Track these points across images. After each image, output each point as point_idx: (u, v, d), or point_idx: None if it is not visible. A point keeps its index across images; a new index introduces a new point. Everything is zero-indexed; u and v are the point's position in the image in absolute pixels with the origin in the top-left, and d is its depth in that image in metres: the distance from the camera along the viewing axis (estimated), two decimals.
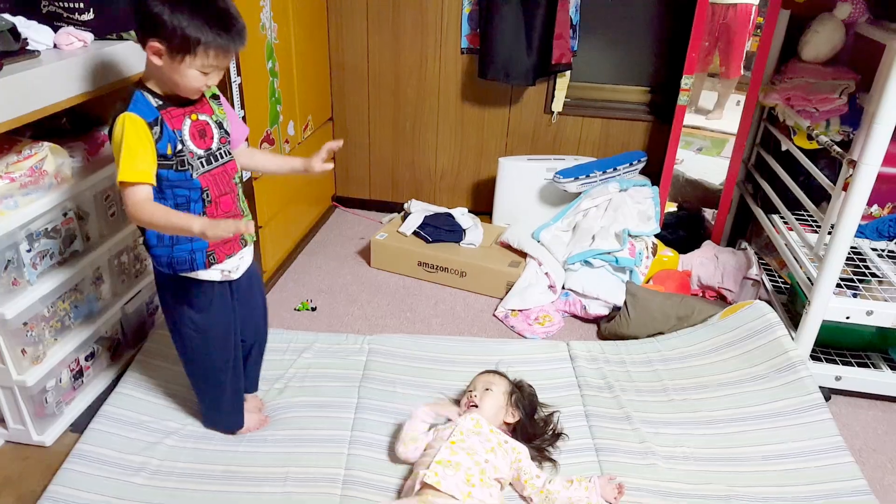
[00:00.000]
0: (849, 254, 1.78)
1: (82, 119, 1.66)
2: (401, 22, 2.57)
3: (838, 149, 1.75)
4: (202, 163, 1.26)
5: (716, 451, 1.53)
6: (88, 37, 1.51)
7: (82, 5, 1.52)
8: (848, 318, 1.70)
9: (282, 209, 2.36)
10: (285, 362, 1.80)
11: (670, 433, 1.58)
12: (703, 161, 2.85)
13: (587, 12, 2.47)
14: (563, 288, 2.23)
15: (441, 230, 2.41)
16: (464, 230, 2.43)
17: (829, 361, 1.82)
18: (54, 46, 1.47)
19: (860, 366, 1.82)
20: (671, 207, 2.68)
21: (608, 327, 2.07)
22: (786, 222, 2.06)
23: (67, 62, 1.39)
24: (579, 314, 2.18)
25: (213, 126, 1.29)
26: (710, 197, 2.70)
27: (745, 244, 2.44)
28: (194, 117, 1.25)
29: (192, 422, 1.58)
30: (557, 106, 2.59)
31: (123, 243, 1.72)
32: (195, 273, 1.31)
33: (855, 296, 1.78)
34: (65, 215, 1.51)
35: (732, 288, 2.19)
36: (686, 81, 2.25)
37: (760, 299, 1.97)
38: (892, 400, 1.80)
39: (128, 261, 1.76)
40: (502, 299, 2.24)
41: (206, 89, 1.24)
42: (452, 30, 2.54)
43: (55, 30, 1.48)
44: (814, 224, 2.10)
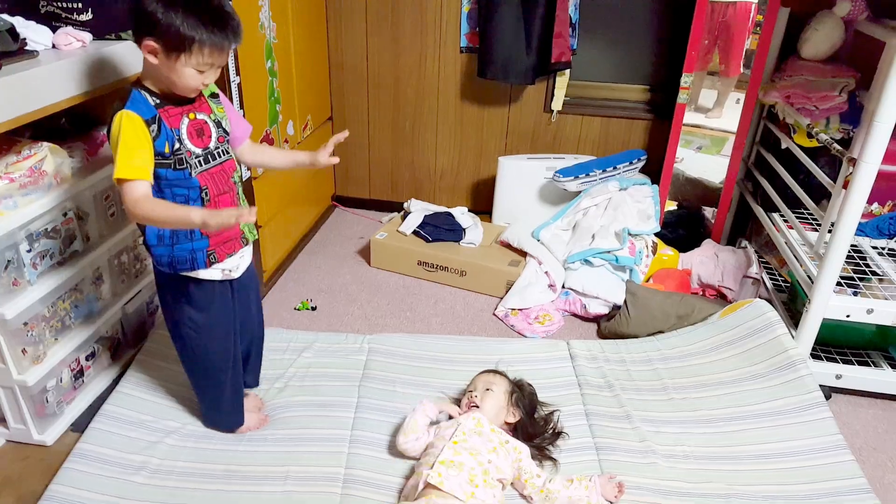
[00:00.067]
0: (849, 252, 1.78)
1: (81, 119, 1.66)
2: (400, 21, 2.57)
3: (838, 147, 1.75)
4: (200, 161, 1.26)
5: (716, 449, 1.53)
6: (87, 37, 1.51)
7: (81, 5, 1.52)
8: (848, 316, 1.70)
9: (281, 209, 2.36)
10: (285, 361, 1.81)
11: (670, 432, 1.58)
12: (702, 159, 2.84)
13: (587, 11, 2.47)
14: (563, 287, 2.23)
15: (441, 229, 2.41)
16: (464, 229, 2.43)
17: (829, 360, 1.82)
18: (53, 46, 1.47)
19: (860, 364, 1.82)
20: (671, 206, 2.68)
21: (608, 326, 2.07)
22: (786, 220, 2.06)
23: (66, 62, 1.39)
24: (579, 313, 2.18)
25: (211, 125, 1.29)
26: (710, 195, 2.69)
27: (745, 242, 2.43)
28: (192, 116, 1.25)
29: (192, 421, 1.58)
30: (557, 105, 2.58)
31: (123, 243, 1.72)
32: (196, 272, 1.31)
33: (855, 294, 1.78)
34: (64, 215, 1.51)
35: (732, 286, 2.19)
36: (686, 80, 2.25)
37: (760, 298, 1.97)
38: (893, 398, 1.80)
39: (128, 261, 1.76)
40: (502, 298, 2.24)
41: (204, 88, 1.23)
42: (451, 29, 2.54)
43: (54, 30, 1.49)
44: (814, 222, 2.09)
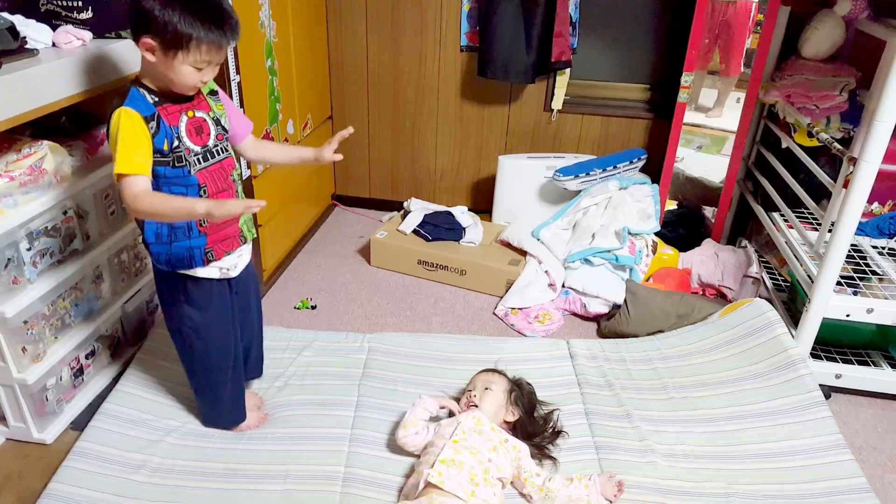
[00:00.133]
0: (849, 251, 1.77)
1: (82, 118, 1.66)
2: (400, 20, 2.57)
3: (839, 146, 1.75)
4: (198, 159, 1.26)
5: (716, 448, 1.53)
6: (87, 35, 1.51)
7: (81, 4, 1.52)
8: (848, 315, 1.69)
9: (281, 208, 2.36)
10: (285, 360, 1.81)
11: (670, 431, 1.58)
12: (703, 159, 2.84)
13: (587, 10, 2.47)
14: (563, 286, 2.23)
15: (441, 228, 2.41)
16: (464, 228, 2.43)
17: (829, 359, 1.82)
18: (53, 45, 1.47)
19: (860, 364, 1.82)
20: (671, 205, 2.68)
21: (608, 325, 2.07)
22: (786, 220, 2.06)
23: (66, 61, 1.39)
24: (579, 312, 2.18)
25: (209, 123, 1.29)
26: (710, 195, 2.69)
27: (745, 242, 2.43)
28: (191, 114, 1.25)
29: (192, 420, 1.58)
30: (557, 104, 2.58)
31: (123, 242, 1.72)
32: (193, 270, 1.31)
33: (855, 293, 1.78)
34: (64, 214, 1.51)
35: (732, 286, 2.19)
36: (686, 79, 2.25)
37: (760, 297, 1.97)
38: (893, 398, 1.80)
39: (128, 259, 1.76)
40: (502, 297, 2.24)
41: (202, 85, 1.23)
42: (452, 28, 2.54)
43: (54, 28, 1.48)
44: (814, 222, 2.09)
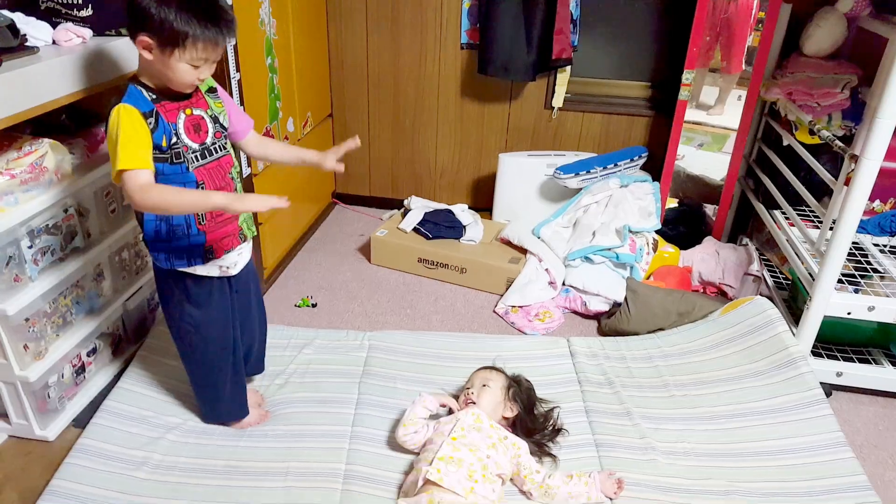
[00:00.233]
0: (850, 249, 1.77)
1: (82, 115, 1.66)
2: (400, 17, 2.56)
3: (840, 143, 1.74)
4: (196, 157, 1.26)
5: (716, 446, 1.53)
6: (87, 33, 1.51)
7: (81, 1, 1.52)
8: (849, 313, 1.69)
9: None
10: (286, 358, 1.81)
11: (671, 429, 1.58)
12: (704, 157, 2.84)
13: (587, 7, 2.47)
14: (564, 284, 2.23)
15: (441, 227, 2.41)
16: (464, 227, 2.43)
17: (830, 357, 1.82)
18: (53, 43, 1.47)
19: (861, 362, 1.82)
20: (672, 203, 2.68)
21: (608, 323, 2.07)
22: (787, 218, 2.06)
23: (66, 58, 1.39)
24: (579, 310, 2.18)
25: (207, 120, 1.29)
26: (711, 193, 2.69)
27: (746, 240, 2.43)
28: (189, 112, 1.25)
29: (193, 417, 1.58)
30: (558, 101, 2.58)
31: (124, 240, 1.72)
32: (193, 268, 1.32)
33: (856, 291, 1.78)
34: (65, 212, 1.52)
35: (733, 284, 2.19)
36: (687, 76, 2.25)
37: (761, 295, 1.97)
38: (893, 396, 1.80)
39: (128, 257, 1.76)
40: (502, 296, 2.24)
41: (199, 83, 1.23)
42: (452, 25, 2.54)
43: (54, 26, 1.48)
44: (815, 219, 2.09)
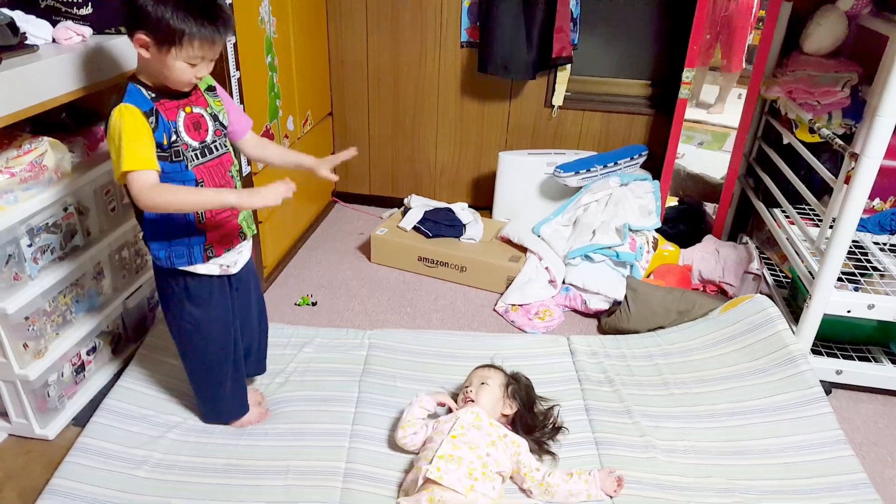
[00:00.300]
0: (850, 247, 1.77)
1: (82, 114, 1.66)
2: (400, 16, 2.56)
3: (840, 142, 1.74)
4: (196, 155, 1.26)
5: (716, 444, 1.54)
6: (87, 31, 1.51)
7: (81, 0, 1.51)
8: (849, 311, 1.69)
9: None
10: (286, 357, 1.81)
11: (671, 427, 1.58)
12: (704, 155, 2.83)
13: (588, 5, 2.46)
14: (564, 283, 2.23)
15: (441, 225, 2.41)
16: (464, 225, 2.43)
17: (829, 355, 1.82)
18: (53, 41, 1.47)
19: (861, 360, 1.82)
20: (672, 202, 2.68)
21: (608, 322, 2.07)
22: (787, 216, 2.06)
23: (66, 57, 1.39)
24: (580, 309, 2.18)
25: (207, 119, 1.29)
26: (712, 191, 2.69)
27: (746, 238, 2.43)
28: (188, 110, 1.25)
29: (193, 416, 1.58)
30: (558, 100, 2.58)
31: (124, 238, 1.72)
32: (194, 267, 1.32)
33: (856, 290, 1.78)
34: (65, 210, 1.51)
35: (733, 282, 2.19)
36: (687, 75, 2.25)
37: (761, 293, 1.97)
38: (893, 394, 1.80)
39: (128, 256, 1.76)
40: (502, 294, 2.24)
41: (197, 81, 1.23)
42: (452, 23, 2.53)
43: (53, 24, 1.48)
44: (815, 218, 2.09)
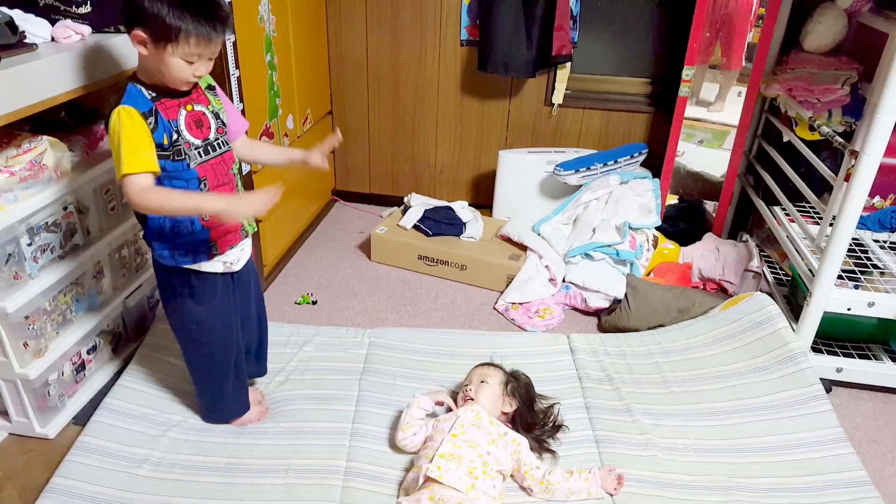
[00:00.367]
0: (850, 245, 1.77)
1: (81, 112, 1.66)
2: (400, 14, 2.56)
3: (840, 139, 1.74)
4: (199, 153, 1.26)
5: (716, 442, 1.54)
6: (86, 30, 1.51)
7: None
8: (849, 309, 1.69)
9: (281, 203, 2.31)
10: (286, 355, 1.81)
11: (671, 425, 1.58)
12: (704, 153, 2.84)
13: (587, 3, 2.46)
14: (564, 281, 2.23)
15: (441, 224, 2.41)
16: (464, 223, 2.43)
17: (829, 353, 1.82)
18: (52, 40, 1.46)
19: (861, 357, 1.82)
20: (672, 200, 2.68)
21: (609, 320, 2.07)
22: (787, 214, 2.06)
23: (65, 55, 1.39)
24: (580, 307, 2.18)
25: (209, 116, 1.29)
26: (712, 189, 2.69)
27: (746, 236, 2.43)
28: (189, 108, 1.25)
29: (194, 415, 1.58)
30: (558, 98, 2.57)
31: (124, 237, 1.72)
32: (198, 265, 1.32)
33: (856, 287, 1.78)
34: (65, 209, 1.51)
35: (733, 280, 2.19)
36: (687, 72, 2.24)
37: (761, 291, 1.97)
38: (893, 391, 1.80)
39: (128, 255, 1.76)
40: (503, 292, 2.24)
41: (195, 80, 1.22)
42: (452, 22, 2.53)
43: (52, 23, 1.48)
44: (815, 215, 2.09)
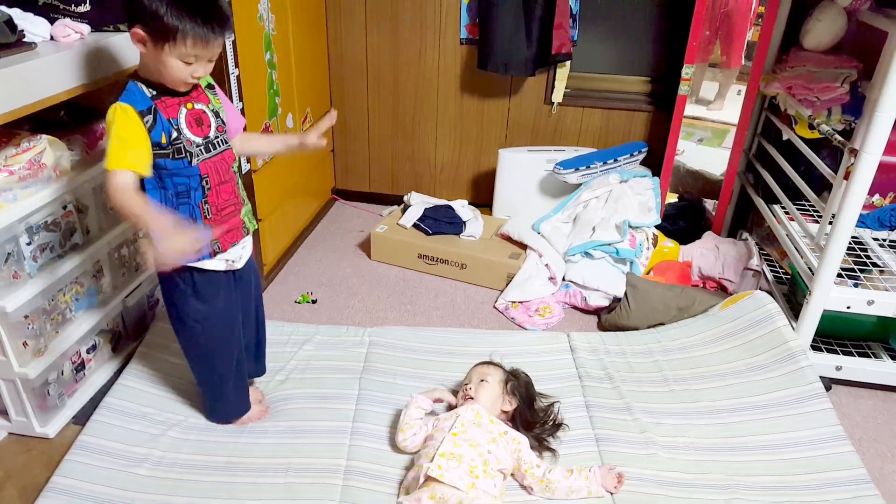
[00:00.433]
0: (850, 243, 1.77)
1: (80, 111, 1.66)
2: (399, 13, 2.55)
3: (840, 138, 1.74)
4: (201, 150, 1.26)
5: (716, 440, 1.54)
6: (85, 28, 1.51)
7: None
8: (849, 307, 1.69)
9: (282, 202, 2.36)
10: (286, 354, 1.81)
11: (671, 423, 1.58)
12: (704, 152, 2.84)
13: (587, 1, 2.46)
14: (564, 279, 2.23)
15: (441, 222, 2.41)
16: (464, 222, 2.43)
17: (829, 351, 1.82)
18: (51, 38, 1.46)
19: (861, 355, 1.82)
20: (672, 198, 2.68)
21: (609, 318, 2.07)
22: (787, 212, 2.06)
23: (64, 54, 1.39)
24: (580, 305, 2.18)
25: (209, 115, 1.29)
26: (711, 187, 2.69)
27: (745, 234, 2.43)
28: (189, 106, 1.25)
29: (194, 414, 1.58)
30: (557, 96, 2.57)
31: (123, 236, 1.72)
32: (201, 263, 1.31)
33: (856, 285, 1.78)
34: (64, 208, 1.51)
35: (733, 278, 2.19)
36: (687, 71, 2.24)
37: (761, 290, 1.97)
38: (892, 389, 1.80)
39: (128, 254, 1.76)
40: (503, 291, 2.24)
41: (193, 80, 1.21)
42: (451, 20, 2.53)
43: (51, 22, 1.48)
44: (815, 214, 2.09)
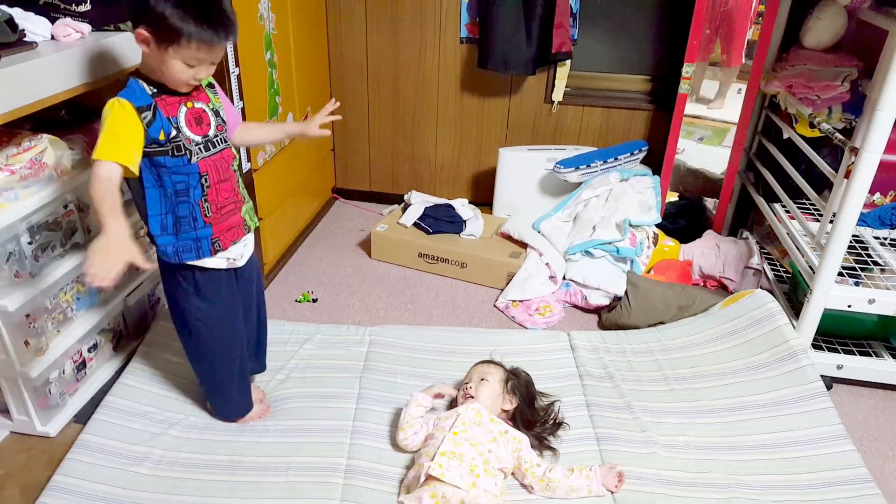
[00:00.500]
0: (851, 242, 1.77)
1: (81, 111, 1.66)
2: (399, 12, 2.56)
3: (840, 136, 1.74)
4: (200, 149, 1.26)
5: (717, 439, 1.54)
6: (86, 28, 1.51)
7: None
8: (850, 306, 1.69)
9: (282, 201, 2.36)
10: (287, 353, 1.81)
11: (671, 422, 1.58)
12: (704, 150, 2.84)
13: (587, 0, 2.46)
14: (564, 278, 2.23)
15: (441, 221, 2.41)
16: (464, 221, 2.43)
17: (830, 350, 1.82)
18: (52, 38, 1.46)
19: (862, 354, 1.82)
20: (672, 197, 2.68)
21: (609, 317, 2.07)
22: (787, 211, 2.06)
23: (65, 54, 1.39)
24: (580, 304, 2.18)
25: (209, 113, 1.29)
26: (712, 186, 2.69)
27: (746, 233, 2.43)
28: (189, 105, 1.25)
29: (195, 412, 1.59)
30: (558, 95, 2.57)
31: None
32: (202, 261, 1.32)
33: (857, 284, 1.78)
34: (65, 207, 1.51)
35: (734, 277, 2.19)
36: (687, 70, 2.24)
37: (762, 288, 1.97)
38: (894, 388, 1.80)
39: None
40: (503, 290, 2.24)
41: (195, 82, 1.21)
42: (451, 19, 2.53)
43: (52, 21, 1.48)
44: (815, 212, 2.09)
